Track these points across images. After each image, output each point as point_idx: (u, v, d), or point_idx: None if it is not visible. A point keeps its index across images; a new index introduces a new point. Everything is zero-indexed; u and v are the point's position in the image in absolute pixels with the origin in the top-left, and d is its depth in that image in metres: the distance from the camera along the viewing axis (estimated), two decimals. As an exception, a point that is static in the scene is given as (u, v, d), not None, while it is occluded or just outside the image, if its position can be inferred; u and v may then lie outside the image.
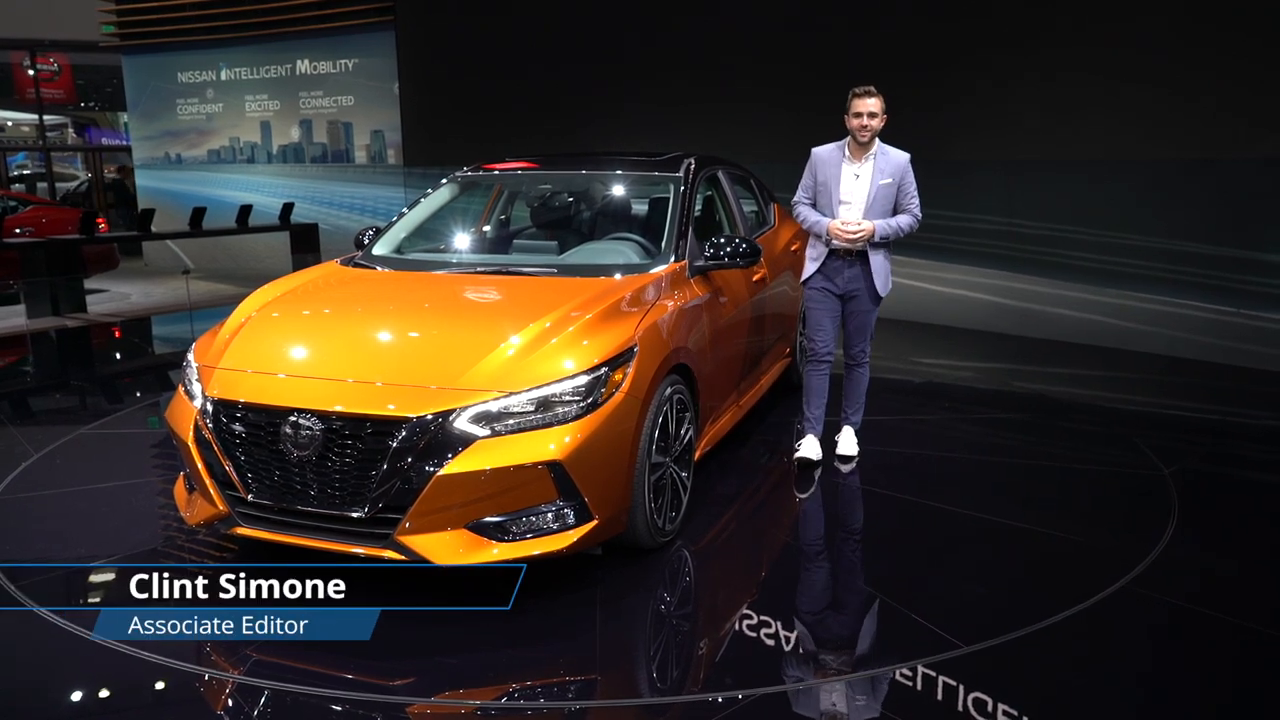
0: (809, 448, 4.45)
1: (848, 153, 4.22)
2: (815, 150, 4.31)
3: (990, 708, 2.57)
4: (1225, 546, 3.74)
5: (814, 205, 4.31)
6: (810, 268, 4.39)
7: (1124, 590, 3.25)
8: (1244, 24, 6.46)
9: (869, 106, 4.11)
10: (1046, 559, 3.59)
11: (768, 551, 3.66)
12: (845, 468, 4.46)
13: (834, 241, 4.19)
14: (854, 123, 4.14)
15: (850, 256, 4.25)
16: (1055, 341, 7.46)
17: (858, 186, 4.20)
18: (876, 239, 4.17)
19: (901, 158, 4.21)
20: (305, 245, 11.75)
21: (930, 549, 3.67)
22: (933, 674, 2.73)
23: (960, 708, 2.57)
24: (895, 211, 4.21)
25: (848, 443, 4.58)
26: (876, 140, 4.20)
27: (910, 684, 2.69)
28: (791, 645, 2.96)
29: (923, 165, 7.97)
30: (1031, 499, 4.23)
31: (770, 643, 2.98)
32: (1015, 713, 2.54)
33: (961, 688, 2.66)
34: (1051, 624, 3.01)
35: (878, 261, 4.25)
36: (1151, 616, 3.11)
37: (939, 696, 2.63)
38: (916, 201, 4.24)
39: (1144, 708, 2.64)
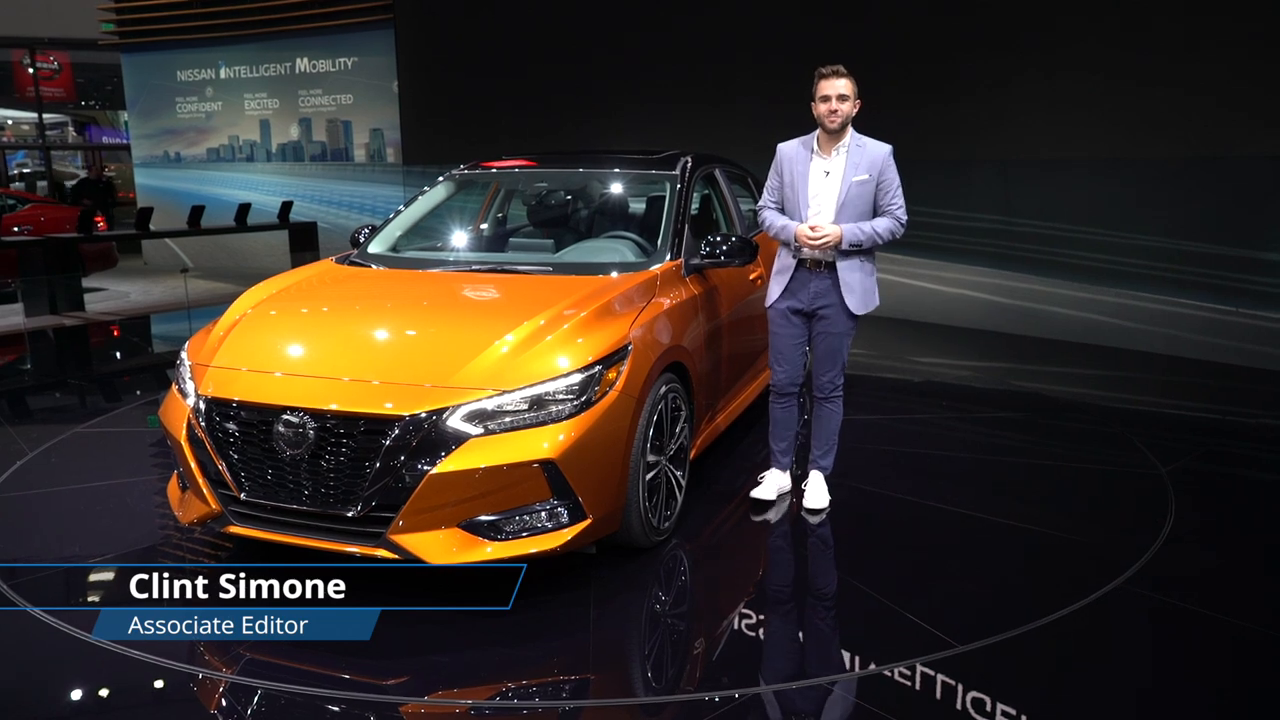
0: (769, 485, 3.97)
1: (817, 146, 3.66)
2: (780, 146, 3.77)
3: (989, 707, 2.56)
4: (1222, 546, 3.73)
5: (782, 210, 3.78)
6: (775, 287, 3.80)
7: (1121, 589, 3.24)
8: (1243, 21, 6.45)
9: (838, 88, 3.53)
10: (1043, 558, 3.58)
11: (763, 550, 3.65)
12: (815, 519, 3.86)
13: (803, 251, 3.66)
14: (821, 108, 3.57)
15: (820, 268, 3.69)
16: (1053, 340, 7.45)
17: (827, 185, 3.63)
18: (845, 245, 3.58)
19: (881, 150, 3.62)
20: (304, 244, 11.75)
21: (927, 548, 3.66)
22: (930, 673, 2.72)
23: (959, 706, 2.56)
24: (875, 214, 3.66)
25: (816, 493, 3.93)
26: (850, 130, 3.64)
27: (908, 683, 2.68)
28: (787, 644, 2.96)
29: (922, 164, 8.05)
30: (1029, 498, 4.22)
31: (766, 642, 2.97)
32: (1013, 712, 2.53)
33: (960, 687, 2.65)
34: (1048, 622, 3.00)
35: (850, 275, 3.65)
36: (1148, 615, 3.10)
37: (937, 696, 2.62)
38: (900, 202, 3.63)
39: (1141, 707, 2.63)
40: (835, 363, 3.80)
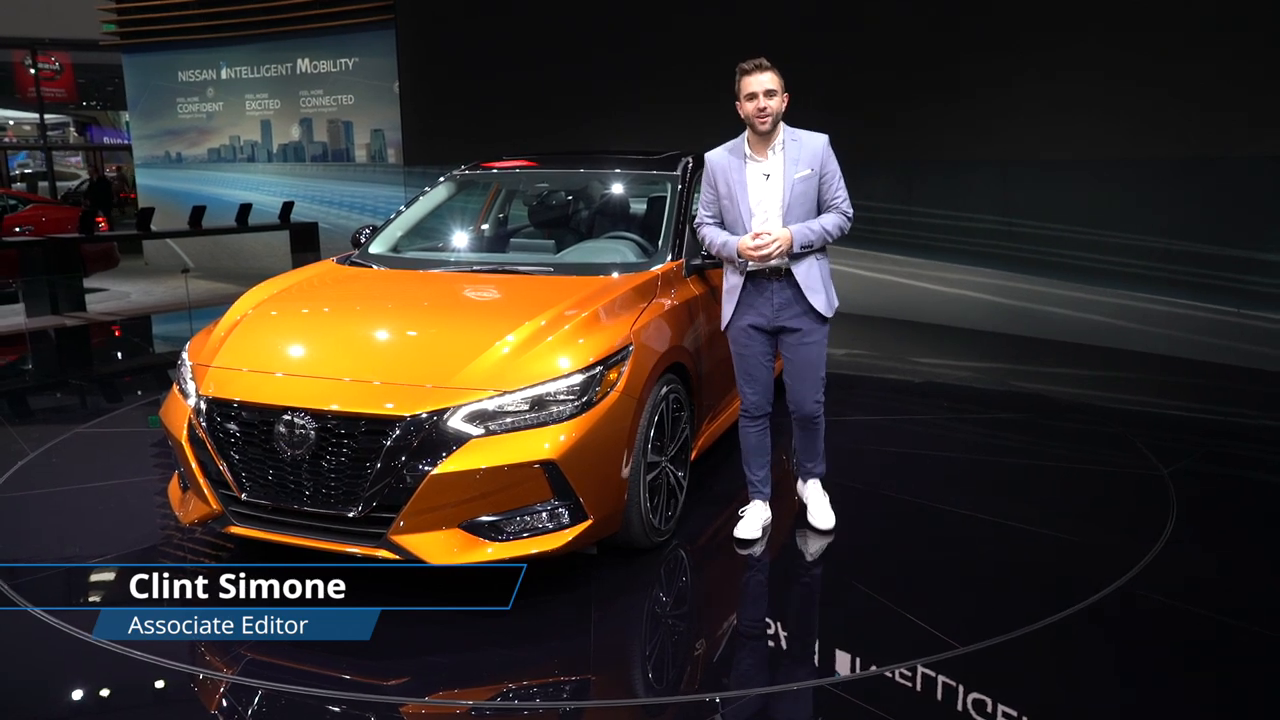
0: (750, 523, 3.64)
1: (749, 149, 3.38)
2: (708, 155, 3.47)
3: (989, 708, 2.55)
4: (1223, 547, 3.72)
5: (721, 224, 3.49)
6: (729, 307, 3.47)
7: (1122, 590, 3.23)
8: (1242, 22, 6.44)
9: (764, 83, 3.24)
10: (1045, 559, 3.58)
11: (764, 551, 3.65)
12: (821, 541, 3.66)
13: (751, 264, 3.35)
14: (748, 107, 3.27)
15: (777, 276, 3.37)
16: (1053, 341, 7.44)
17: (769, 189, 3.34)
18: (796, 249, 3.28)
19: (818, 141, 3.35)
20: (305, 244, 11.75)
21: (928, 549, 3.66)
22: (931, 674, 2.71)
23: (959, 708, 2.56)
24: (819, 211, 3.39)
25: (820, 509, 3.72)
26: (782, 126, 3.36)
27: (909, 685, 2.68)
28: (788, 645, 2.95)
29: (922, 164, 8.04)
30: (1029, 499, 4.21)
31: (766, 643, 2.97)
32: (1014, 713, 2.53)
33: (961, 688, 2.64)
34: (1049, 624, 3.00)
35: (808, 275, 3.35)
36: (1149, 617, 3.10)
37: (938, 697, 2.62)
38: (844, 194, 3.36)
39: (1142, 708, 2.63)
40: (815, 378, 3.48)
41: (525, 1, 10.49)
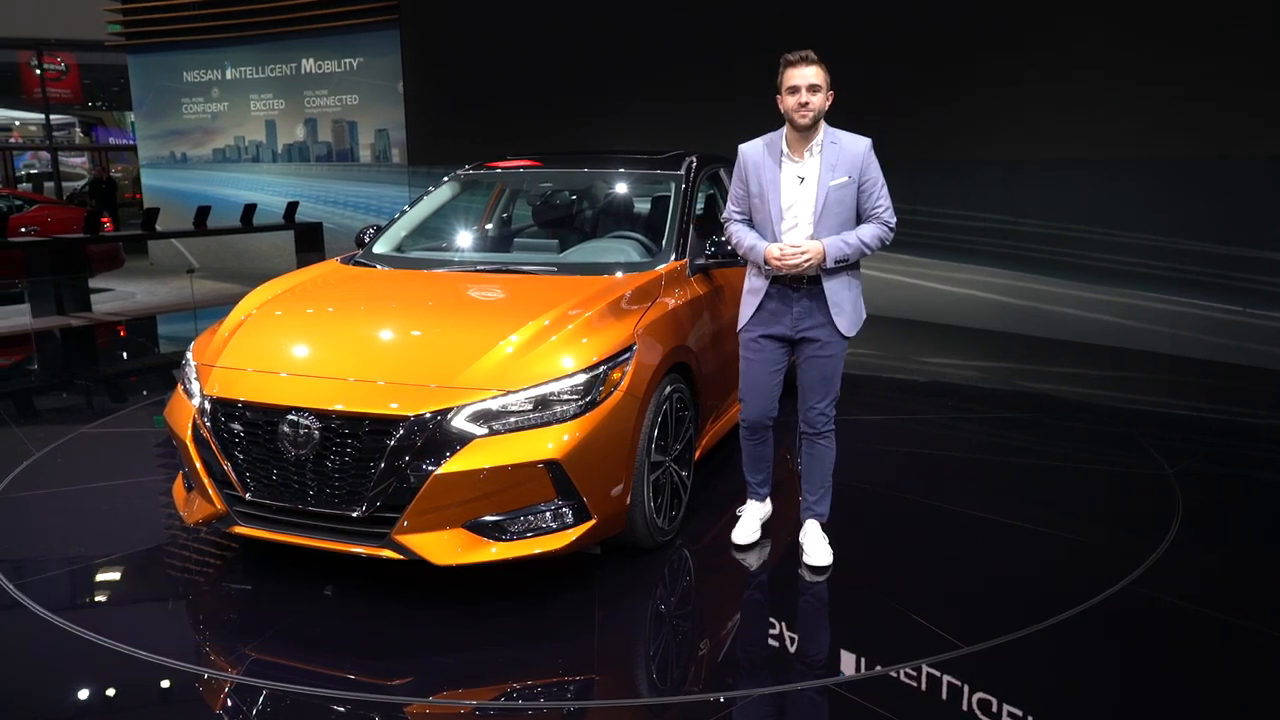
0: (749, 521, 3.59)
1: (786, 147, 3.17)
2: (743, 148, 3.27)
3: (995, 708, 2.55)
4: (1228, 547, 3.71)
5: (750, 222, 3.32)
6: (747, 310, 3.31)
7: (1127, 590, 3.22)
8: (1248, 22, 6.42)
9: (808, 77, 3.03)
10: (1050, 558, 3.57)
11: (767, 550, 3.64)
12: (818, 578, 3.37)
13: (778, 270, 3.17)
14: (789, 101, 3.06)
15: (801, 284, 3.19)
16: (1060, 341, 7.43)
17: (802, 193, 3.13)
18: (829, 263, 3.11)
19: (859, 145, 3.13)
20: (310, 244, 11.76)
21: (932, 548, 3.65)
22: (936, 674, 2.71)
23: (964, 708, 2.55)
24: (859, 220, 3.19)
25: (816, 546, 3.41)
26: (823, 125, 3.14)
27: (914, 684, 2.67)
28: (792, 645, 2.95)
29: (928, 164, 8.03)
30: (1035, 498, 4.20)
31: (770, 643, 2.96)
32: (1019, 713, 2.52)
33: (966, 688, 2.64)
34: (1054, 624, 2.99)
35: (837, 292, 3.17)
36: (1155, 616, 3.09)
37: (943, 697, 2.61)
38: (886, 203, 3.15)
39: (1147, 708, 2.62)
40: (828, 390, 3.29)
41: (529, 2, 10.50)
